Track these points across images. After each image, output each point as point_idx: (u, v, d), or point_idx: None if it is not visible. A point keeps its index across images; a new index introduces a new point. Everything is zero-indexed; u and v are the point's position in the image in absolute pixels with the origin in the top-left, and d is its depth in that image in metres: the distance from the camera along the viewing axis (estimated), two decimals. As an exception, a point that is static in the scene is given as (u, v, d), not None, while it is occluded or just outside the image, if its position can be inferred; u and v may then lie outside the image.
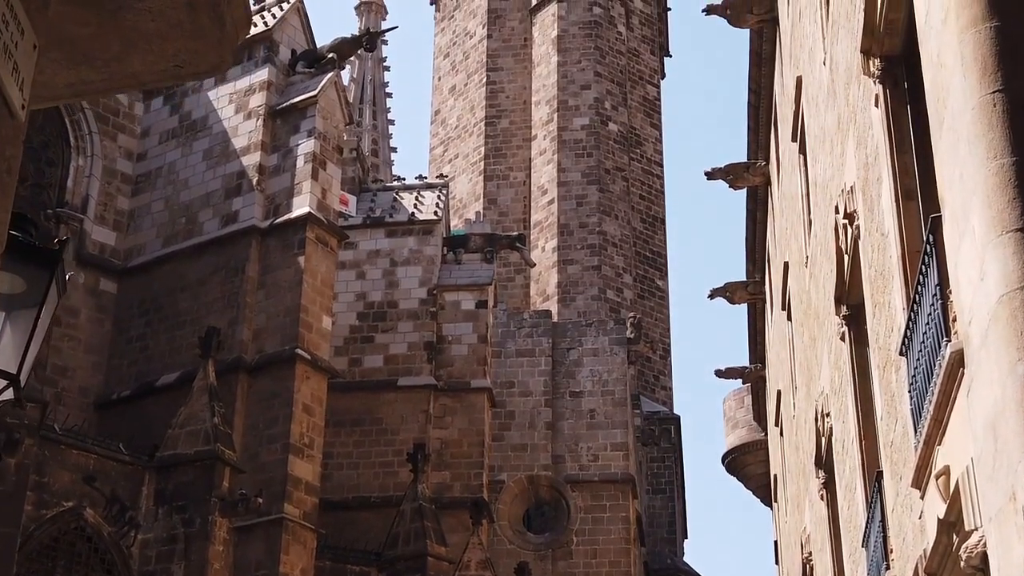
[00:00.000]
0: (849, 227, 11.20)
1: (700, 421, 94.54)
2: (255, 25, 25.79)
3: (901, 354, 8.50)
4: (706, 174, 23.22)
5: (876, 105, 9.46)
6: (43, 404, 18.84)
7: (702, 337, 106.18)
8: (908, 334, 8.19)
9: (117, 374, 24.45)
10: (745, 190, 24.02)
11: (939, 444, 7.47)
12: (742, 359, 29.82)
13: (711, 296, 25.59)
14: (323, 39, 26.36)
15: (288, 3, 25.93)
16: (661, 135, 47.90)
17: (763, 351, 27.11)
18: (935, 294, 7.31)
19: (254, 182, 24.16)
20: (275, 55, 25.29)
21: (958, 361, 6.74)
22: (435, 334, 29.73)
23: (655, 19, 49.85)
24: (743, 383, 29.92)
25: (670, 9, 51.84)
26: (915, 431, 8.10)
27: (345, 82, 39.41)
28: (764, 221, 24.01)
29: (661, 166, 47.26)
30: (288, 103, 24.63)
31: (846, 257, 11.58)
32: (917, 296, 7.81)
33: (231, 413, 21.94)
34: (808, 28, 14.63)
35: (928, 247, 7.42)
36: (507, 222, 42.06)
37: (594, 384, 33.71)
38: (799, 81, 15.91)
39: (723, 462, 32.10)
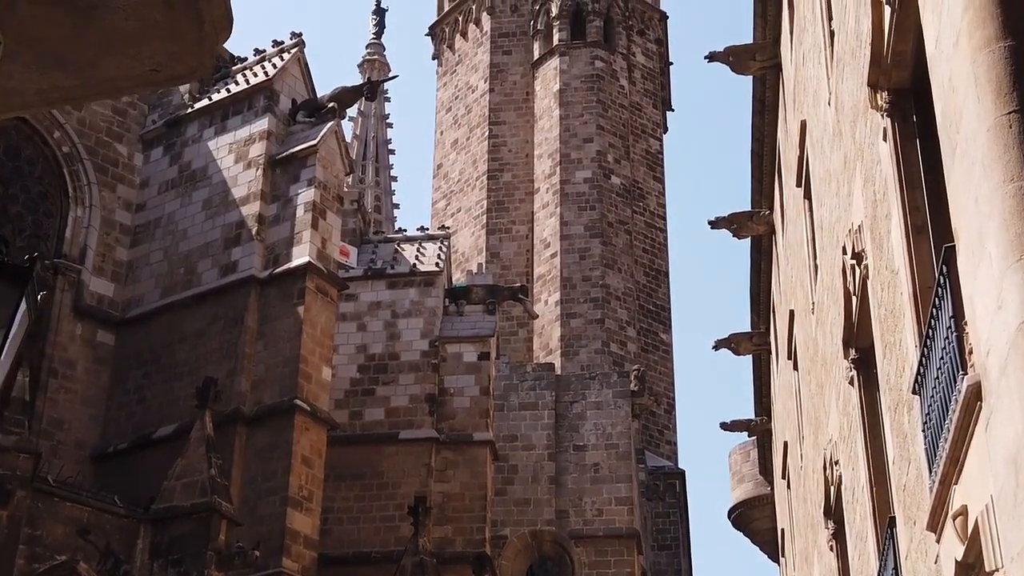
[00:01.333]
0: (857, 267, 11.00)
1: (705, 475, 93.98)
2: (255, 74, 25.74)
3: (914, 392, 8.28)
4: (710, 223, 23.07)
5: (884, 139, 9.27)
6: (36, 455, 18.55)
7: (707, 390, 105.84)
8: (921, 371, 7.96)
9: (114, 427, 24.17)
10: (749, 240, 23.89)
11: (956, 483, 7.23)
12: (747, 412, 29.54)
13: (716, 347, 25.41)
14: (324, 89, 26.29)
15: (289, 53, 25.88)
16: (664, 188, 47.85)
17: (769, 403, 26.88)
18: (950, 326, 7.09)
19: (253, 232, 24.00)
20: (275, 105, 25.20)
21: (975, 395, 6.52)
22: (437, 386, 29.46)
23: (657, 73, 49.95)
24: (749, 436, 29.64)
25: (672, 63, 51.98)
26: (930, 472, 7.86)
27: (348, 139, 39.36)
28: (768, 271, 23.85)
29: (664, 219, 47.16)
30: (288, 152, 24.50)
31: (854, 298, 11.37)
32: (930, 331, 7.59)
33: (229, 465, 21.64)
34: (812, 71, 14.52)
35: (941, 278, 7.21)
36: (510, 275, 41.87)
37: (598, 437, 33.43)
38: (803, 125, 15.77)
39: (729, 517, 31.76)
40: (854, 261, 11.08)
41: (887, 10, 8.76)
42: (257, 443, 22.40)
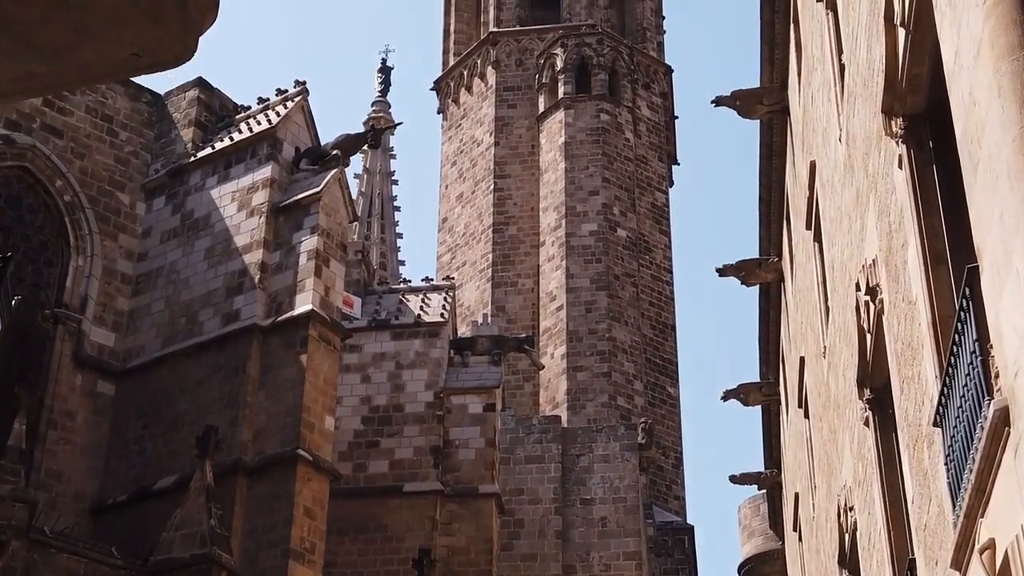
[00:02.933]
0: (872, 303, 10.78)
1: (715, 530, 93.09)
2: (259, 123, 25.64)
3: (935, 425, 8.02)
4: (718, 271, 22.93)
5: (900, 166, 9.07)
6: (32, 504, 18.20)
7: (715, 442, 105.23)
8: (943, 401, 7.71)
9: (114, 478, 23.83)
10: (757, 288, 23.73)
11: (982, 516, 6.96)
12: (757, 464, 29.21)
13: (724, 398, 25.19)
14: (328, 138, 26.13)
15: (292, 101, 25.78)
16: (670, 242, 47.66)
17: (779, 455, 26.61)
18: (974, 351, 6.84)
19: (256, 280, 23.79)
20: (278, 152, 25.06)
21: (1003, 420, 6.27)
22: (441, 438, 29.16)
23: (662, 127, 49.92)
24: (758, 489, 29.32)
25: (677, 117, 51.98)
26: (953, 506, 7.59)
27: (354, 195, 39.24)
28: (777, 319, 23.69)
29: (670, 272, 46.93)
30: (291, 200, 24.34)
31: (868, 336, 11.14)
32: (952, 358, 7.34)
33: (230, 516, 21.28)
34: (821, 110, 14.40)
35: (964, 301, 6.97)
36: (515, 329, 41.52)
37: (605, 491, 33.02)
38: (812, 166, 15.63)
39: (739, 572, 31.38)
40: (868, 297, 10.88)
41: (901, 32, 8.59)
42: (258, 493, 22.05)
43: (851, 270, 12.22)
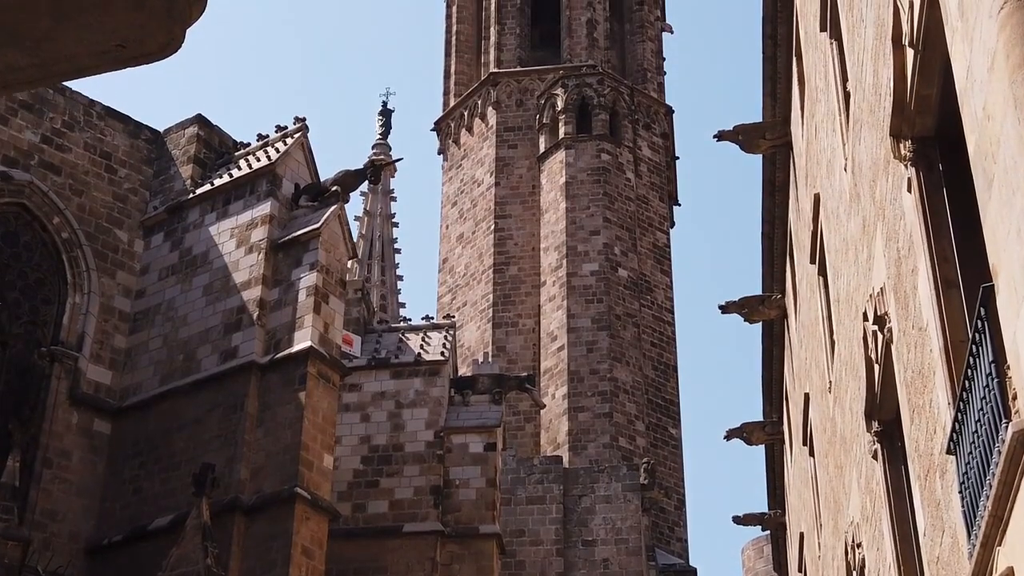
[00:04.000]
0: (880, 332, 10.62)
1: (718, 572, 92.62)
2: (258, 159, 25.53)
3: (949, 452, 7.82)
4: (720, 308, 22.82)
5: (909, 190, 8.92)
6: (26, 542, 17.93)
7: (718, 482, 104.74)
8: (957, 427, 7.52)
9: (109, 518, 23.53)
10: (760, 325, 23.61)
11: (999, 544, 6.77)
12: (760, 505, 28.97)
13: (727, 437, 25.03)
14: (328, 175, 25.98)
15: (292, 138, 25.68)
16: (671, 282, 47.52)
17: (783, 495, 26.41)
18: (989, 373, 6.65)
19: (254, 317, 23.59)
20: (278, 189, 24.93)
21: (1021, 443, 6.09)
22: (442, 478, 28.86)
23: (663, 167, 49.90)
24: (762, 530, 29.08)
25: (678, 158, 51.99)
26: (969, 536, 7.39)
27: (354, 237, 39.14)
28: (781, 357, 23.56)
29: (672, 312, 46.75)
30: (290, 236, 24.18)
31: (876, 367, 10.98)
32: (966, 382, 7.16)
33: (227, 556, 20.98)
34: (825, 141, 14.30)
35: (979, 322, 6.78)
36: (516, 369, 41.25)
37: (607, 532, 32.75)
38: (816, 199, 15.52)
39: (743, 615, 31.07)
40: (876, 326, 10.72)
41: (910, 53, 8.46)
42: (256, 533, 21.75)
43: (858, 301, 12.08)
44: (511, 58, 50.32)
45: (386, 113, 62.88)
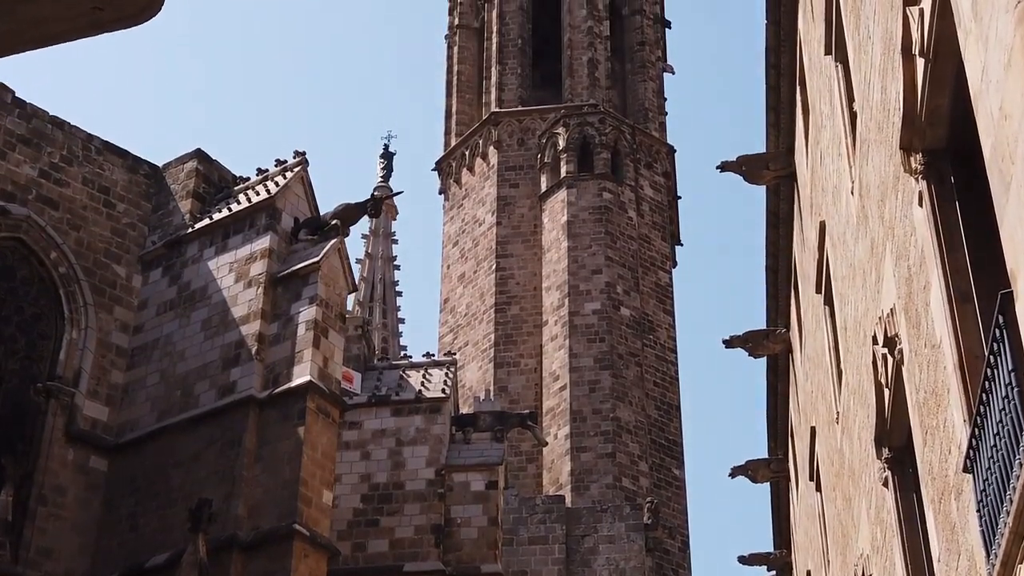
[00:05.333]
0: (890, 355, 10.43)
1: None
2: (257, 193, 25.39)
3: (966, 470, 7.59)
4: (724, 342, 22.67)
5: (920, 204, 8.74)
6: (17, 579, 17.65)
7: (723, 522, 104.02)
8: (974, 443, 7.29)
9: (105, 556, 23.19)
10: (765, 361, 23.44)
11: (1021, 563, 6.53)
12: (766, 544, 28.69)
13: (732, 475, 24.83)
14: (328, 209, 25.81)
15: (292, 172, 25.55)
16: (674, 322, 47.29)
17: (788, 534, 26.16)
18: (1009, 382, 6.44)
19: (253, 351, 23.36)
20: (277, 223, 24.76)
21: (1044, 454, 5.83)
22: (443, 516, 28.53)
23: (665, 207, 49.81)
24: (768, 570, 28.76)
25: (680, 198, 51.91)
26: (987, 556, 7.15)
27: (355, 278, 39.00)
28: (786, 392, 23.39)
29: (675, 352, 46.51)
30: (290, 270, 23.99)
31: (886, 391, 10.79)
32: (984, 395, 6.94)
33: (224, 595, 20.67)
34: (831, 167, 14.19)
35: (997, 331, 6.56)
36: (518, 409, 40.98)
37: (610, 573, 32.41)
38: (822, 227, 15.39)
39: (748, 657, 30.68)
40: (886, 349, 10.53)
41: (920, 63, 8.30)
42: (254, 570, 21.40)
43: (866, 326, 11.93)
44: (512, 97, 50.33)
45: (388, 156, 63.03)
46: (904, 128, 8.84)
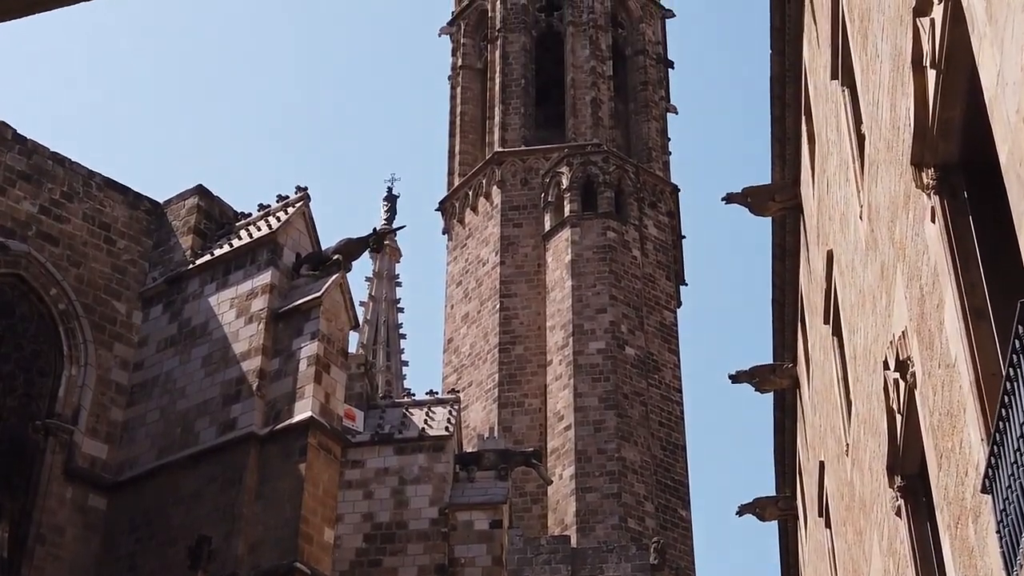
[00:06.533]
0: (902, 379, 10.21)
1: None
2: (259, 228, 25.21)
3: (984, 491, 7.35)
4: (730, 377, 22.48)
5: (932, 220, 8.53)
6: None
7: (730, 561, 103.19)
8: (992, 462, 7.05)
9: (103, 596, 22.90)
10: (772, 397, 23.21)
11: (1044, 582, 6.27)
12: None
13: (739, 513, 24.53)
14: (329, 242, 25.69)
15: (293, 207, 25.40)
16: (679, 361, 47.08)
17: (798, 573, 25.80)
18: (1031, 396, 6.20)
19: (254, 387, 23.11)
20: (279, 258, 24.57)
21: (1068, 468, 5.60)
22: (447, 556, 28.13)
23: (669, 246, 49.70)
24: (776, 611, 28.37)
25: (684, 237, 51.78)
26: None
27: (358, 316, 38.80)
28: (793, 428, 23.14)
29: (680, 392, 46.26)
30: (291, 306, 23.77)
31: (898, 417, 10.57)
32: (1003, 410, 6.70)
33: (224, 635, 20.32)
34: (838, 194, 14.03)
35: (1016, 341, 6.34)
36: (522, 449, 40.80)
37: (617, 614, 31.97)
38: (829, 256, 15.21)
39: None
40: (898, 373, 10.32)
41: (931, 75, 8.12)
42: (254, 610, 21.11)
43: (876, 352, 11.72)
44: (516, 137, 50.33)
45: (391, 199, 62.93)
46: (915, 143, 8.66)
